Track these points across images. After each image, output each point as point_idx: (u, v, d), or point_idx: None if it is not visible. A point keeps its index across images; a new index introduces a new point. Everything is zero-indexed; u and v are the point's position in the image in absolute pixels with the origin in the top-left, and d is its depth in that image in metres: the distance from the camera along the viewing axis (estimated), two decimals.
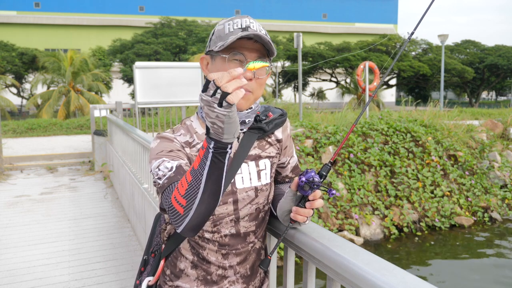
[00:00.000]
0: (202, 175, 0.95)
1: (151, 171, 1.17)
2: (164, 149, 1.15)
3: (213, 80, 0.86)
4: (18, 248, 4.35)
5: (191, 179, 0.97)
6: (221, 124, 0.88)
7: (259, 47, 1.14)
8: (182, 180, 1.00)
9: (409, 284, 0.84)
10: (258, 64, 0.92)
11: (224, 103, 0.85)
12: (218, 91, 0.85)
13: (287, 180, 1.39)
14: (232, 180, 1.20)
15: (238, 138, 1.23)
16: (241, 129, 1.22)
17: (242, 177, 1.22)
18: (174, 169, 1.09)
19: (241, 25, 1.11)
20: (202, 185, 0.96)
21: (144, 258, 1.38)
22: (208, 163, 0.94)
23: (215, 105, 0.86)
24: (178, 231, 1.05)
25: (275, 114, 1.29)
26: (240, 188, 1.21)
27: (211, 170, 0.95)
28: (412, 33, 1.18)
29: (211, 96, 0.86)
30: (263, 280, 1.37)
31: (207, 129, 0.93)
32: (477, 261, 5.52)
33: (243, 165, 1.22)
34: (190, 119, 1.26)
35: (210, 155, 0.93)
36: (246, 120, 1.21)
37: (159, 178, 1.10)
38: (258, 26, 1.13)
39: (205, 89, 0.88)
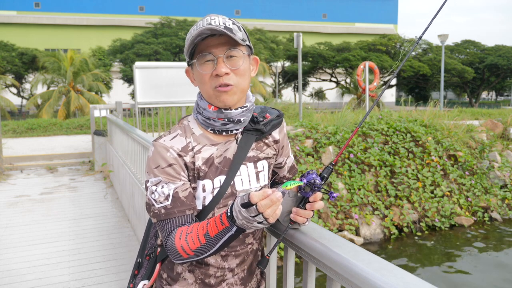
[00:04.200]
0: (218, 243, 1.06)
1: (146, 183, 1.16)
2: (160, 165, 1.14)
3: (256, 205, 0.96)
4: (18, 248, 4.34)
5: (205, 242, 1.06)
6: (255, 229, 1.03)
7: (226, 39, 1.12)
8: (193, 236, 1.07)
9: (409, 284, 0.84)
10: (293, 183, 1.05)
11: (265, 222, 0.98)
12: (260, 216, 0.97)
13: (284, 180, 1.38)
14: (232, 182, 1.20)
15: (236, 140, 1.22)
16: (236, 129, 1.20)
17: (242, 179, 1.22)
18: (170, 198, 1.12)
19: (202, 25, 1.10)
20: (215, 248, 1.07)
21: (138, 260, 1.37)
22: (226, 237, 1.04)
23: (255, 223, 0.98)
24: (173, 261, 1.15)
25: (273, 115, 1.28)
26: (240, 190, 1.21)
27: (228, 241, 1.05)
28: (420, 37, 1.17)
29: (252, 217, 0.98)
30: (259, 282, 1.37)
31: (232, 216, 1.01)
32: (477, 261, 5.52)
33: (242, 167, 1.22)
34: (188, 119, 1.25)
35: (231, 233, 1.03)
36: (242, 119, 1.19)
37: (155, 201, 1.14)
38: (221, 20, 1.12)
39: (245, 206, 0.98)
